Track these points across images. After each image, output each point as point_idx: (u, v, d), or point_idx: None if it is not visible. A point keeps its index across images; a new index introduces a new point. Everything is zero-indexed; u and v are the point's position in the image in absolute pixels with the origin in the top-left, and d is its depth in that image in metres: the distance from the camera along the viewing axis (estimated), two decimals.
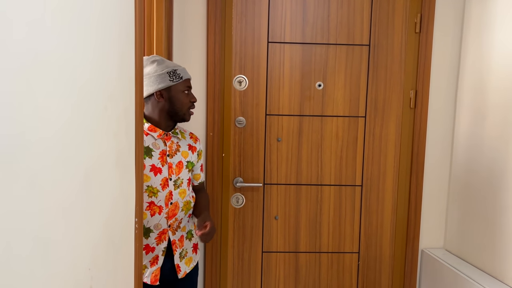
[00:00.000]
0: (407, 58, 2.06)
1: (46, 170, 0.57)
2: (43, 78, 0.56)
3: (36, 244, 0.55)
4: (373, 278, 2.19)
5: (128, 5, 0.92)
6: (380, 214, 2.15)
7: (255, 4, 2.02)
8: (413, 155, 2.10)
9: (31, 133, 0.53)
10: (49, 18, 0.57)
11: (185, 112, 1.60)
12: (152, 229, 1.56)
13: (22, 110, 0.51)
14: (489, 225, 1.77)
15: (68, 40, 0.63)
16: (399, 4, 2.04)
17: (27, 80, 0.52)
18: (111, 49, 0.82)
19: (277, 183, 2.11)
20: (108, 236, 0.83)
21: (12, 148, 0.49)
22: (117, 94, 0.86)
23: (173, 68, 1.57)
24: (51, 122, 0.59)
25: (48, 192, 0.58)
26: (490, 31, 1.81)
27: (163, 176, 1.56)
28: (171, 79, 1.55)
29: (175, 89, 1.57)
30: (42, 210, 0.57)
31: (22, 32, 0.51)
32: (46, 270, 0.58)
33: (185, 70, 1.62)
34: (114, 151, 0.85)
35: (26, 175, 0.52)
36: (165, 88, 1.56)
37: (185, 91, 1.59)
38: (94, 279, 0.75)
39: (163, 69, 1.55)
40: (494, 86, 1.77)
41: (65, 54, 0.62)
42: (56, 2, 0.59)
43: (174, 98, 1.57)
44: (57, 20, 0.60)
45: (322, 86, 2.06)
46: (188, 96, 1.61)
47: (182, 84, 1.58)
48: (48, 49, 0.57)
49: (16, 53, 0.49)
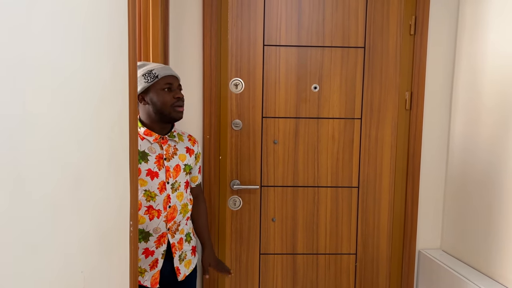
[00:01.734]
0: (402, 60, 2.08)
1: (34, 172, 0.58)
2: (32, 79, 0.57)
3: (25, 247, 0.56)
4: (371, 280, 2.19)
5: (121, 8, 0.93)
6: (376, 216, 2.16)
7: (251, 8, 2.03)
8: (409, 156, 2.11)
9: (19, 134, 0.54)
10: (39, 21, 0.58)
11: (170, 111, 1.56)
12: (151, 233, 1.56)
13: (10, 111, 0.52)
14: (486, 226, 1.78)
15: (60, 43, 0.64)
16: (393, 7, 2.05)
17: (14, 79, 0.53)
18: (103, 52, 0.83)
19: (274, 185, 2.12)
20: (101, 239, 0.84)
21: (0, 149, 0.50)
22: (110, 96, 0.87)
23: (149, 69, 1.54)
24: (40, 124, 0.59)
25: (37, 194, 0.59)
26: (484, 32, 1.82)
27: (160, 180, 1.57)
28: (145, 80, 1.53)
29: (153, 89, 1.54)
30: (31, 212, 0.57)
31: (8, 36, 0.52)
32: (36, 273, 0.59)
33: (166, 68, 1.57)
34: (107, 154, 0.86)
35: (13, 176, 0.53)
36: (144, 90, 1.55)
37: (164, 89, 1.54)
38: (87, 281, 0.76)
39: (140, 72, 1.54)
40: (488, 86, 1.78)
41: (56, 57, 0.63)
42: (47, 4, 0.60)
43: (154, 98, 1.54)
44: (49, 23, 0.61)
45: (318, 89, 2.07)
46: (171, 93, 1.56)
47: (159, 83, 1.54)
48: (38, 52, 0.58)
49: (4, 55, 0.50)
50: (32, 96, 0.56)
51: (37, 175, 0.58)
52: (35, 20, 0.57)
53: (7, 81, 0.50)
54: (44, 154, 0.60)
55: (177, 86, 1.61)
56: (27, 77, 0.55)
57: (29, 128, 0.56)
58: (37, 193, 0.58)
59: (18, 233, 0.54)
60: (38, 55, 0.58)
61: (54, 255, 0.64)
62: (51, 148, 0.62)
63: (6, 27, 0.50)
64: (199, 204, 1.82)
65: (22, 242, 0.55)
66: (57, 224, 0.65)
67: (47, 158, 0.61)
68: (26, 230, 0.56)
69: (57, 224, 0.65)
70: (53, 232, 0.63)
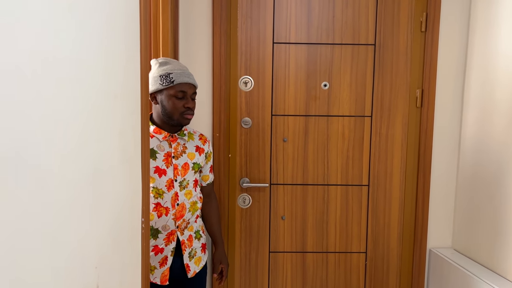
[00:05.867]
0: (413, 57, 2.06)
1: (54, 169, 0.58)
2: (51, 78, 0.57)
3: (44, 241, 0.57)
4: (381, 278, 2.18)
5: (133, 8, 0.93)
6: (387, 214, 2.14)
7: (260, 5, 2.03)
8: (420, 154, 2.09)
9: (40, 132, 0.54)
10: (59, 21, 0.59)
11: (178, 117, 1.56)
12: (160, 230, 1.57)
13: (31, 107, 0.52)
14: (498, 224, 1.76)
15: (77, 43, 0.64)
16: (404, 3, 2.03)
17: (36, 78, 0.53)
18: (117, 50, 0.83)
19: (283, 183, 2.11)
20: (115, 235, 0.84)
21: (20, 144, 0.50)
22: (123, 94, 0.87)
23: (168, 72, 1.53)
24: (60, 120, 0.60)
25: (56, 191, 0.59)
26: (496, 29, 1.80)
27: (168, 177, 1.57)
28: (161, 83, 1.52)
29: (166, 93, 1.53)
30: (51, 208, 0.58)
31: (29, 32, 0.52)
32: (54, 266, 0.60)
33: (184, 74, 1.55)
34: (120, 151, 0.86)
35: (34, 173, 0.53)
36: (157, 91, 1.55)
37: (177, 96, 1.53)
38: (100, 277, 0.77)
39: (159, 72, 1.54)
40: (501, 84, 1.76)
41: (74, 55, 0.64)
42: (66, 4, 0.60)
43: (165, 102, 1.54)
44: (66, 19, 0.61)
45: (327, 86, 2.07)
46: (182, 101, 1.55)
47: (174, 88, 1.53)
48: (57, 52, 0.58)
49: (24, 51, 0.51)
50: (54, 93, 0.57)
51: (57, 171, 0.59)
52: (54, 15, 0.57)
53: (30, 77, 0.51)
54: (64, 150, 0.61)
55: (191, 94, 1.59)
56: (49, 75, 0.55)
57: (50, 125, 0.56)
58: (56, 189, 0.59)
59: (37, 227, 0.54)
60: (57, 52, 0.58)
61: (70, 250, 0.65)
62: (70, 144, 0.63)
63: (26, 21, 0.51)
64: (211, 203, 1.82)
65: (41, 237, 0.55)
66: (74, 220, 0.66)
67: (67, 156, 0.62)
68: (45, 223, 0.56)
69: (74, 220, 0.65)
70: (70, 228, 0.64)
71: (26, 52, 0.51)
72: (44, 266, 0.57)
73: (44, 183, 0.56)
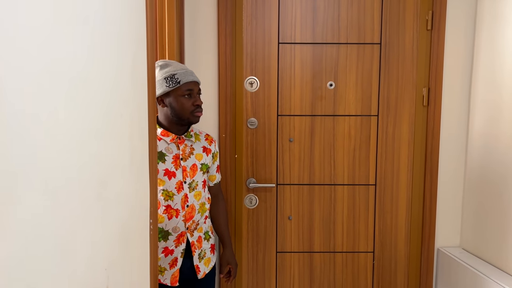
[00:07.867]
0: (419, 55, 2.05)
1: (61, 175, 0.59)
2: (57, 86, 0.58)
3: (56, 244, 0.57)
4: (389, 278, 2.17)
5: (139, 12, 0.94)
6: (394, 213, 2.14)
7: (265, 6, 2.03)
8: (427, 153, 2.09)
9: (46, 140, 0.55)
10: (62, 30, 0.59)
11: (188, 116, 1.57)
12: (170, 232, 1.58)
13: (37, 117, 0.53)
14: (507, 222, 1.74)
15: (86, 45, 0.65)
16: (410, 2, 2.02)
17: (40, 85, 0.54)
18: (124, 56, 0.84)
19: (290, 183, 2.11)
20: (123, 237, 0.85)
21: (27, 152, 0.51)
22: (130, 99, 0.88)
23: (172, 73, 1.53)
24: (69, 125, 0.61)
25: (65, 197, 0.60)
26: (503, 27, 1.78)
27: (178, 179, 1.58)
28: (167, 85, 1.52)
29: (174, 94, 1.54)
30: (60, 212, 0.59)
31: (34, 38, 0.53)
32: (65, 269, 0.60)
33: (188, 73, 1.56)
34: (128, 154, 0.87)
35: (41, 180, 0.54)
36: (164, 94, 1.55)
37: (185, 95, 1.54)
38: (110, 279, 0.77)
39: (162, 75, 1.54)
40: (508, 82, 1.74)
41: (81, 63, 0.64)
42: (69, 14, 0.61)
43: (174, 103, 1.54)
44: (71, 25, 0.62)
45: (333, 86, 2.06)
46: (191, 100, 1.56)
47: (181, 89, 1.54)
48: (63, 59, 0.59)
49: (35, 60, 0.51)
50: (60, 101, 0.58)
51: (66, 175, 0.59)
52: (58, 20, 0.58)
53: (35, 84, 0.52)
54: (72, 159, 0.61)
55: (197, 91, 1.60)
56: (54, 83, 0.56)
57: (59, 129, 0.57)
58: (67, 193, 0.59)
59: (50, 231, 0.55)
60: (63, 58, 0.59)
61: (81, 253, 0.65)
62: (78, 150, 0.64)
63: (29, 27, 0.51)
64: (219, 203, 1.82)
65: (53, 240, 0.56)
66: (85, 223, 0.66)
67: (75, 162, 0.62)
68: (57, 227, 0.57)
69: (84, 223, 0.66)
70: (81, 230, 0.65)
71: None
72: (56, 267, 0.58)
73: (53, 190, 0.57)
